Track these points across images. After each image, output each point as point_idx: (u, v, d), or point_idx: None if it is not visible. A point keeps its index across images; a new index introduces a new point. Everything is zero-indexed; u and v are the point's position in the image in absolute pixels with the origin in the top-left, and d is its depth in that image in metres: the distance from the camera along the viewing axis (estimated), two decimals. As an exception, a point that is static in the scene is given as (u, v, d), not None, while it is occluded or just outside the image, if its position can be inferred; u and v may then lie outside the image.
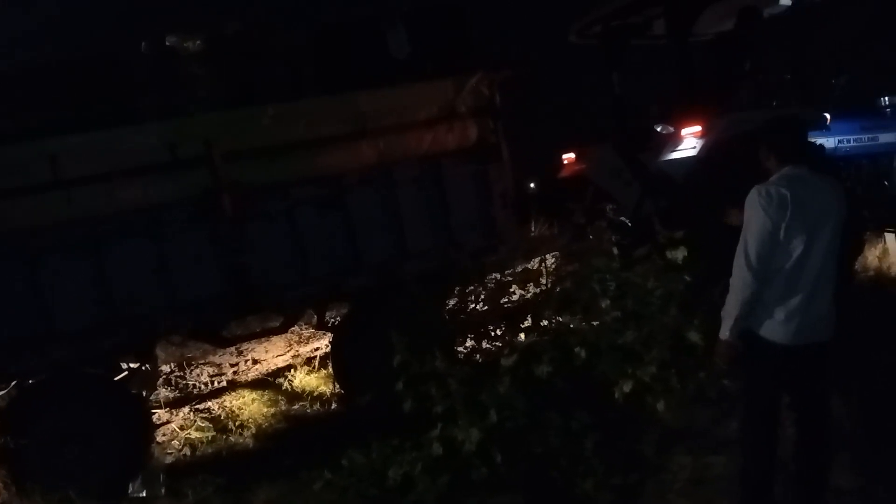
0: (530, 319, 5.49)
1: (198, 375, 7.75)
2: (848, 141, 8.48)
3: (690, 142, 6.36)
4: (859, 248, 7.07)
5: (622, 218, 6.71)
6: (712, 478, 4.20)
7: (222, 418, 6.70)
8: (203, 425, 6.57)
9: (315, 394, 6.93)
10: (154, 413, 6.56)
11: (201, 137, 5.34)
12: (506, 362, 4.61)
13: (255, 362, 7.97)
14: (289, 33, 6.28)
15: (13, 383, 5.57)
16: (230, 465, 5.57)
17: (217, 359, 8.00)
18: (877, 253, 7.56)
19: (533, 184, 11.39)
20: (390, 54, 6.03)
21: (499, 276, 6.28)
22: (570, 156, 7.67)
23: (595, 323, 4.91)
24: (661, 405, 4.55)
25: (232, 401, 6.99)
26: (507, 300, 6.27)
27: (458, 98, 5.98)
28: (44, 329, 5.14)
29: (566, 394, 4.58)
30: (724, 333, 3.54)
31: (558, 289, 5.50)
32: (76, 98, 5.38)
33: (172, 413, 6.91)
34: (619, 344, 4.68)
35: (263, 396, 7.02)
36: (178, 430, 6.54)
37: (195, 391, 7.48)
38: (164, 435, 6.48)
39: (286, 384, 7.20)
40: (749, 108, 6.62)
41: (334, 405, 6.71)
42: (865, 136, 8.55)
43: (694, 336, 4.63)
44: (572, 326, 4.98)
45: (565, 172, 7.71)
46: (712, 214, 5.39)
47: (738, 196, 3.61)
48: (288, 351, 8.07)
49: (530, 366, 4.63)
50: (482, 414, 4.29)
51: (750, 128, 5.82)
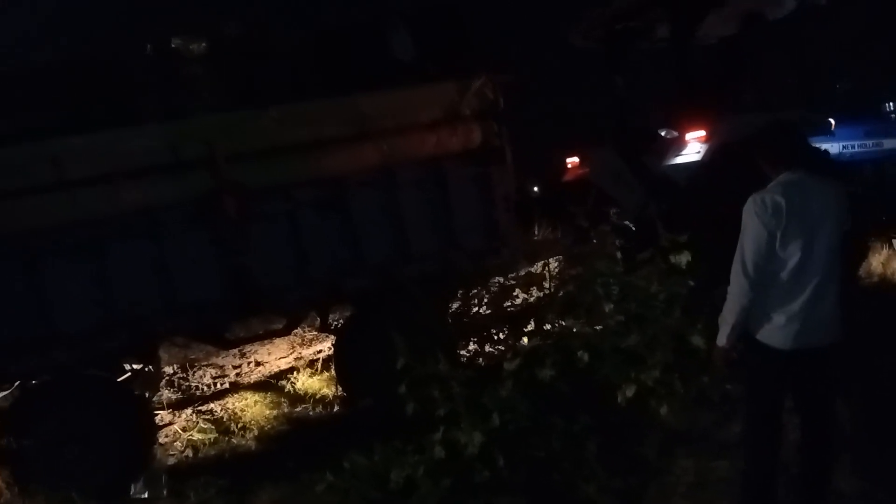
0: (533, 323, 5.50)
1: (201, 377, 7.75)
2: (852, 146, 8.48)
3: (694, 146, 6.37)
4: (863, 254, 7.07)
5: (625, 221, 6.71)
6: (715, 481, 4.19)
7: (225, 420, 6.70)
8: (205, 427, 6.57)
9: (317, 396, 6.93)
10: (157, 414, 6.57)
11: (203, 139, 5.33)
12: (508, 365, 4.61)
13: (258, 364, 7.98)
14: (291, 35, 6.29)
15: (16, 384, 5.58)
16: (232, 467, 5.57)
17: (220, 360, 8.00)
18: (881, 258, 7.55)
19: (536, 187, 11.39)
20: (392, 56, 6.03)
21: (502, 280, 6.29)
22: (574, 159, 7.68)
23: (598, 326, 4.91)
24: (664, 409, 4.55)
25: (234, 403, 6.99)
26: (510, 303, 6.28)
27: (462, 101, 5.97)
28: (46, 330, 5.14)
29: (569, 397, 4.57)
30: (721, 340, 3.59)
31: (561, 292, 5.50)
32: (78, 99, 5.39)
33: (175, 414, 6.91)
34: (622, 347, 4.68)
35: (266, 398, 7.02)
36: (181, 432, 6.54)
37: (198, 393, 7.49)
38: (167, 436, 6.48)
39: (289, 386, 7.20)
40: (753, 113, 6.61)
41: (337, 408, 6.70)
42: (870, 142, 8.55)
43: (697, 340, 4.63)
44: (575, 330, 4.97)
45: (568, 176, 7.71)
46: (716, 218, 5.40)
47: (742, 200, 3.61)
48: (291, 353, 8.07)
49: (533, 369, 4.63)
50: (485, 417, 4.28)
51: (753, 132, 5.82)
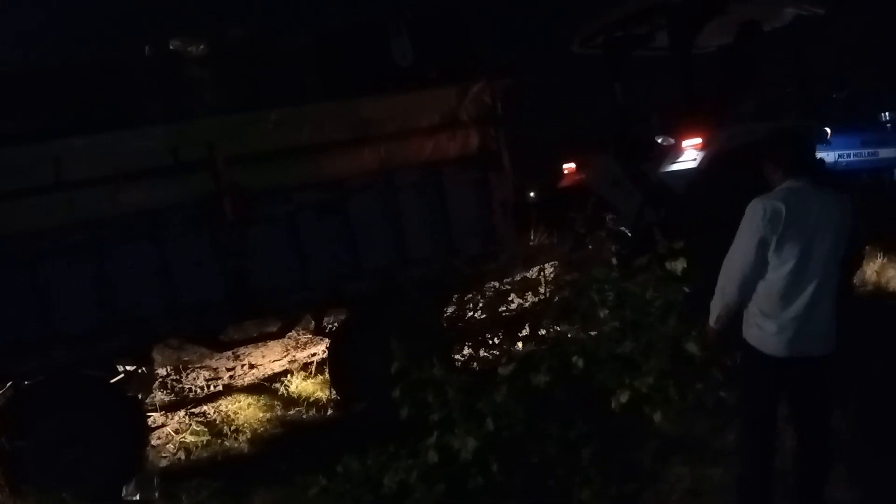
0: (529, 328, 5.49)
1: (194, 379, 7.72)
2: (848, 155, 8.53)
3: (691, 153, 6.37)
4: (858, 263, 7.08)
5: (622, 228, 6.72)
6: (710, 488, 4.19)
7: (218, 422, 6.68)
8: (198, 429, 6.56)
9: (311, 399, 6.92)
10: (149, 416, 6.54)
11: (204, 141, 5.35)
12: (503, 371, 4.60)
13: (252, 367, 7.95)
14: (292, 39, 6.30)
15: (9, 384, 5.56)
16: (225, 470, 5.56)
17: (213, 363, 7.97)
18: (875, 267, 7.56)
19: (533, 192, 11.41)
20: (393, 61, 6.04)
21: (498, 285, 6.29)
22: (571, 165, 7.68)
23: (593, 332, 4.90)
24: (659, 415, 4.54)
25: (228, 405, 6.97)
26: (506, 308, 6.27)
27: (461, 106, 5.99)
28: (42, 330, 5.13)
29: (564, 403, 4.57)
30: (711, 322, 3.78)
31: (557, 298, 5.49)
32: (80, 101, 5.38)
33: (168, 416, 6.89)
34: (618, 353, 4.67)
35: (259, 401, 7.01)
36: (174, 434, 6.52)
37: (191, 395, 7.46)
38: (160, 438, 6.46)
39: (282, 389, 7.19)
40: (750, 121, 6.64)
41: (330, 411, 6.69)
42: (866, 151, 8.60)
43: (692, 347, 4.62)
44: (571, 336, 4.97)
45: (566, 182, 7.71)
46: (712, 225, 5.40)
47: (738, 208, 3.61)
48: (285, 356, 8.05)
49: (528, 374, 4.62)
50: (479, 422, 4.28)
51: (751, 140, 5.84)
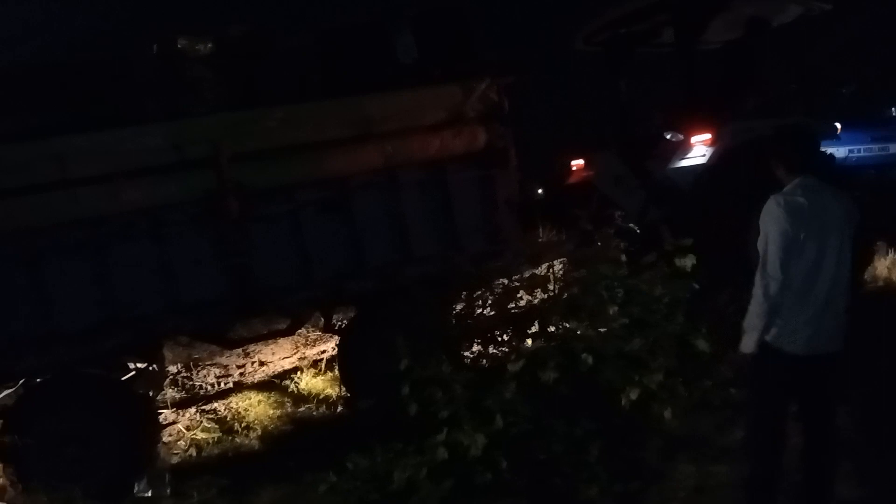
0: (537, 325, 5.49)
1: (204, 376, 7.76)
2: (858, 150, 8.48)
3: (700, 149, 6.37)
4: (868, 259, 7.06)
5: (630, 225, 6.71)
6: (716, 486, 4.19)
7: (228, 419, 6.71)
8: (209, 426, 6.59)
9: (321, 396, 6.94)
10: (160, 413, 6.58)
11: (207, 139, 5.32)
12: (511, 368, 4.61)
13: (262, 364, 7.99)
14: (295, 36, 6.30)
15: (20, 382, 5.60)
16: (235, 467, 5.58)
17: (224, 360, 8.01)
18: (886, 263, 7.53)
19: (540, 189, 11.38)
20: (396, 58, 6.04)
21: (505, 282, 6.28)
22: (579, 162, 7.68)
23: (601, 329, 4.91)
24: (667, 413, 4.55)
25: (238, 402, 7.00)
26: (514, 305, 6.27)
27: (467, 103, 5.97)
28: (50, 328, 5.15)
29: (571, 400, 4.58)
30: (749, 346, 3.47)
31: (565, 295, 5.50)
32: (82, 98, 5.40)
33: (179, 413, 6.93)
34: (626, 351, 4.68)
35: (269, 398, 7.03)
36: (184, 431, 6.56)
37: (202, 392, 7.50)
38: (170, 435, 6.50)
39: (292, 386, 7.21)
40: (756, 117, 6.62)
41: (340, 408, 6.71)
42: (876, 146, 8.55)
43: (701, 344, 4.64)
44: (579, 333, 4.97)
45: (572, 179, 7.71)
46: (719, 222, 5.40)
47: (747, 204, 3.61)
48: (294, 353, 8.08)
49: (536, 372, 4.63)
50: (487, 419, 4.29)
51: (757, 136, 5.83)
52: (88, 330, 5.22)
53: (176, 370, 7.76)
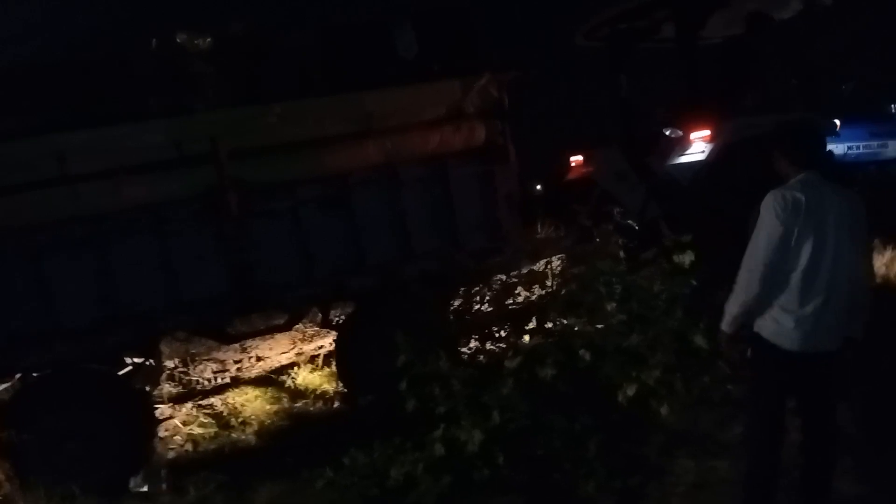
0: (535, 321, 5.50)
1: (201, 371, 7.75)
2: (857, 147, 8.47)
3: (699, 146, 6.36)
4: (869, 255, 7.03)
5: (629, 221, 6.71)
6: (715, 482, 4.19)
7: (225, 415, 6.70)
8: (206, 421, 6.58)
9: (318, 392, 6.94)
10: (157, 408, 6.57)
11: (207, 135, 5.33)
12: (509, 364, 4.62)
13: (259, 359, 7.98)
14: (296, 33, 6.28)
15: (17, 377, 5.59)
16: (232, 462, 5.57)
17: (221, 355, 8.00)
18: (884, 260, 7.52)
19: (539, 185, 11.38)
20: (397, 54, 6.02)
21: (504, 278, 6.28)
22: (578, 158, 7.67)
23: (600, 326, 4.91)
24: (665, 409, 4.55)
25: (235, 397, 7.00)
26: (512, 301, 6.27)
27: (466, 99, 5.96)
28: (48, 324, 5.14)
29: (570, 396, 4.58)
30: (724, 326, 3.61)
31: (563, 291, 5.51)
32: (84, 95, 5.38)
33: (175, 409, 6.92)
34: (624, 347, 4.68)
35: (266, 394, 7.03)
36: (181, 426, 6.55)
37: (198, 387, 7.49)
38: (167, 430, 6.49)
39: (289, 382, 7.21)
40: (756, 113, 6.61)
41: (337, 404, 6.71)
42: (875, 143, 8.54)
43: (699, 340, 4.63)
44: (577, 329, 4.98)
45: (572, 175, 7.70)
46: (719, 218, 5.39)
47: (747, 200, 3.60)
48: (292, 348, 8.07)
49: (534, 368, 4.63)
50: (485, 415, 4.29)
51: (758, 132, 5.82)
52: (88, 326, 5.22)
53: (173, 365, 7.74)
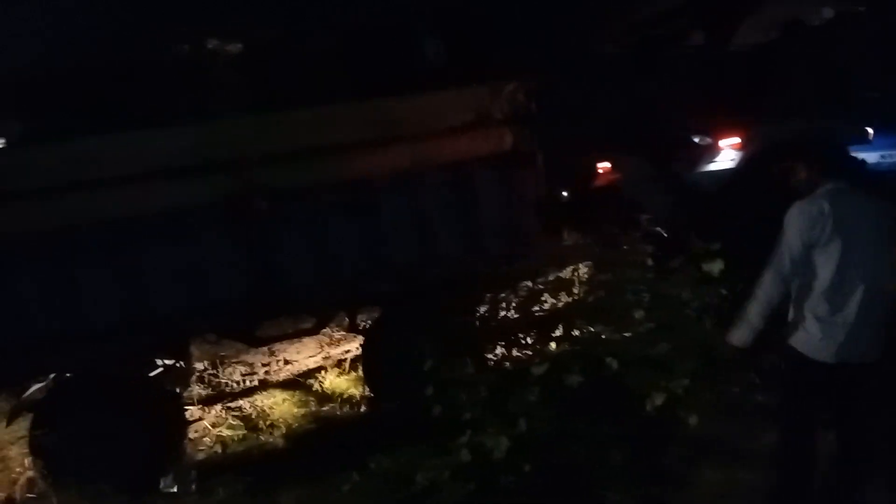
0: (561, 328, 5.47)
1: (230, 374, 7.83)
2: (892, 155, 8.33)
3: (728, 153, 6.31)
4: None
5: (657, 228, 6.67)
6: (741, 493, 4.14)
7: (253, 417, 6.76)
8: (234, 423, 6.64)
9: (345, 396, 6.96)
10: (187, 410, 6.65)
11: (232, 141, 5.37)
12: (536, 371, 4.60)
13: (287, 363, 8.04)
14: (321, 38, 6.32)
15: (51, 377, 5.69)
16: (260, 464, 5.63)
17: (249, 358, 8.07)
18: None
19: (566, 192, 11.31)
20: (423, 59, 6.04)
21: (531, 284, 6.27)
22: (606, 165, 7.64)
23: (627, 334, 4.88)
24: (694, 418, 4.51)
25: (263, 400, 7.06)
26: (539, 308, 6.25)
27: (493, 105, 5.96)
28: (80, 326, 5.21)
29: (596, 404, 4.55)
30: (738, 337, 3.57)
31: (591, 298, 5.48)
32: (109, 100, 5.46)
33: (205, 410, 6.99)
34: (652, 355, 4.65)
35: (294, 397, 7.07)
36: (210, 428, 6.62)
37: (227, 389, 7.56)
38: (196, 432, 6.56)
39: (317, 385, 7.25)
40: (787, 120, 6.53)
41: (363, 408, 6.73)
42: (909, 151, 8.38)
43: (728, 349, 4.57)
44: (604, 336, 4.96)
45: (599, 181, 7.67)
46: (748, 227, 5.33)
47: (777, 208, 3.57)
48: (319, 352, 8.12)
49: (560, 375, 4.62)
50: (511, 422, 4.28)
51: (789, 139, 5.76)
52: (119, 328, 5.29)
53: (203, 367, 7.83)
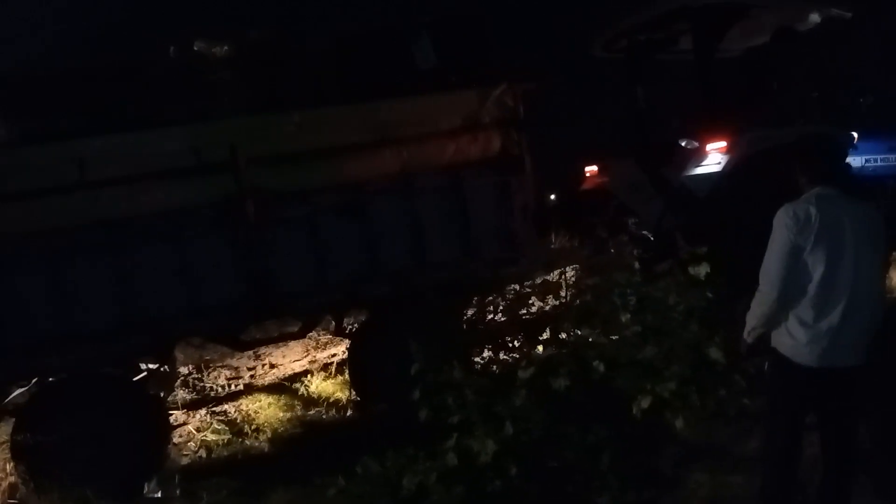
0: (549, 332, 5.47)
1: (215, 378, 7.78)
2: (875, 160, 8.42)
3: (715, 157, 6.34)
4: (885, 269, 6.98)
5: (644, 232, 6.69)
6: (730, 497, 4.15)
7: (238, 422, 6.72)
8: (219, 428, 6.59)
9: (331, 400, 6.93)
10: (171, 414, 6.60)
11: (225, 143, 5.37)
12: (523, 374, 4.58)
13: (273, 366, 8.00)
14: (314, 41, 6.32)
15: (34, 381, 5.62)
16: (245, 469, 5.58)
17: (235, 362, 8.03)
18: (902, 274, 7.44)
19: (554, 196, 11.35)
20: (414, 64, 6.05)
21: (518, 288, 6.27)
22: (593, 168, 7.66)
23: (614, 337, 4.88)
24: (680, 422, 4.51)
25: (248, 404, 7.01)
26: (526, 311, 6.25)
27: (483, 109, 5.98)
28: (65, 328, 5.17)
29: (583, 408, 4.54)
30: (745, 335, 3.63)
31: (578, 302, 5.48)
32: (103, 101, 5.43)
33: (189, 415, 6.94)
34: (639, 359, 4.65)
35: (280, 401, 7.03)
36: (195, 432, 6.56)
37: (212, 394, 7.52)
38: (181, 436, 6.51)
39: (302, 389, 7.21)
40: (774, 125, 6.58)
41: (350, 412, 6.70)
42: (893, 156, 8.48)
43: (715, 353, 4.58)
44: (591, 340, 4.95)
45: (587, 185, 7.69)
46: (735, 230, 5.36)
47: (763, 212, 3.58)
48: (305, 356, 8.09)
49: (548, 378, 4.60)
50: (498, 426, 4.27)
51: (775, 145, 5.79)
52: (104, 330, 5.25)
53: (187, 371, 7.78)
